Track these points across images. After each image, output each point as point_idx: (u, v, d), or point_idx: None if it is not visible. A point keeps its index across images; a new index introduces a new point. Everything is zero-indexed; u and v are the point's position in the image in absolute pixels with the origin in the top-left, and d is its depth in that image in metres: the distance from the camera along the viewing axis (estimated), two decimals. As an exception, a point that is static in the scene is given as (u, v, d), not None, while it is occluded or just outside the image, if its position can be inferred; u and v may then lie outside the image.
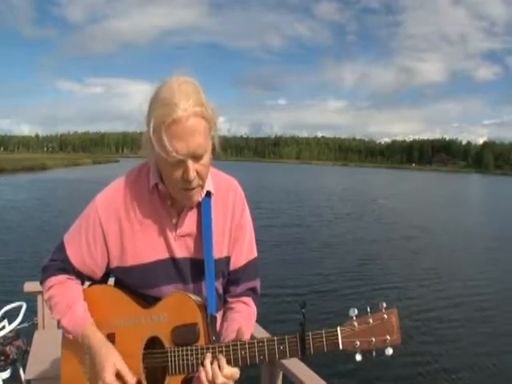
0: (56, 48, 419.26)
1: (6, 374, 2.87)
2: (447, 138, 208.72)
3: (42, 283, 1.36)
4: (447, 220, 22.25)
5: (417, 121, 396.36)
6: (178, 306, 1.24)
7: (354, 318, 1.10)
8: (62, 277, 1.33)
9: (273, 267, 10.58)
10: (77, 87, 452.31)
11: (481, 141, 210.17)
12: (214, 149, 1.23)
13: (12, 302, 3.15)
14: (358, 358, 1.09)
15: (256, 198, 25.60)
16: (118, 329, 1.30)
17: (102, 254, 1.31)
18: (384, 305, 1.10)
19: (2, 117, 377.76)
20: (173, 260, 1.31)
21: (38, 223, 16.08)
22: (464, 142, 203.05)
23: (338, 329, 1.10)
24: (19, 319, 3.03)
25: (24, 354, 2.86)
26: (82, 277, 1.36)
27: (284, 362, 2.08)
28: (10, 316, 3.06)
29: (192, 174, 1.16)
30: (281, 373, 2.19)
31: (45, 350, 2.38)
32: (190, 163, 1.15)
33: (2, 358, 2.83)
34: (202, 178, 1.21)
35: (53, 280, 1.32)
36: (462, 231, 19.17)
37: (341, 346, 1.09)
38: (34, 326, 2.87)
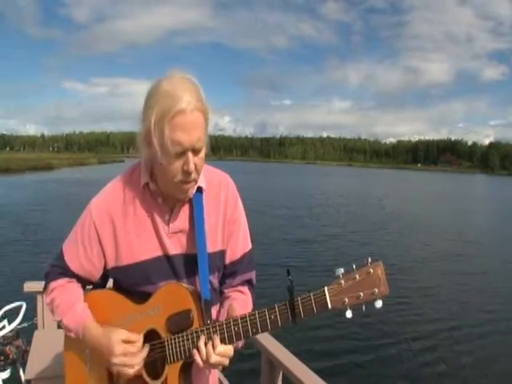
0: (61, 48, 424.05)
1: (6, 374, 2.88)
2: (453, 139, 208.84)
3: (44, 288, 1.40)
4: (483, 226, 21.63)
5: (422, 121, 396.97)
6: (170, 295, 1.25)
7: (341, 277, 1.10)
8: (63, 280, 1.36)
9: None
10: (82, 87, 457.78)
11: (487, 141, 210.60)
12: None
13: (12, 301, 3.15)
14: (349, 314, 1.09)
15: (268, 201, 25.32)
16: None
17: (99, 257, 1.34)
18: (369, 259, 1.10)
19: (8, 117, 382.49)
20: (166, 257, 1.32)
21: (39, 223, 16.09)
22: (470, 143, 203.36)
23: (326, 288, 1.09)
24: (19, 319, 3.03)
25: (24, 354, 2.87)
26: (81, 281, 1.39)
27: (284, 361, 2.06)
28: (10, 316, 3.06)
29: (192, 166, 1.18)
30: (281, 373, 2.17)
31: (45, 350, 2.39)
32: (190, 155, 1.18)
33: (2, 357, 2.83)
34: (198, 171, 1.23)
35: (54, 284, 1.36)
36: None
37: (329, 305, 1.09)
38: (34, 326, 2.86)
